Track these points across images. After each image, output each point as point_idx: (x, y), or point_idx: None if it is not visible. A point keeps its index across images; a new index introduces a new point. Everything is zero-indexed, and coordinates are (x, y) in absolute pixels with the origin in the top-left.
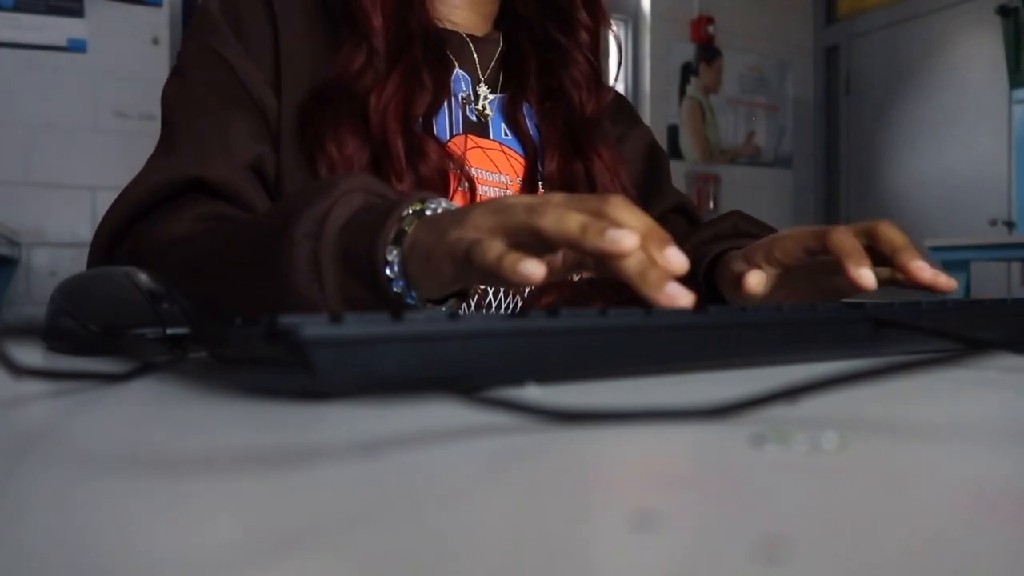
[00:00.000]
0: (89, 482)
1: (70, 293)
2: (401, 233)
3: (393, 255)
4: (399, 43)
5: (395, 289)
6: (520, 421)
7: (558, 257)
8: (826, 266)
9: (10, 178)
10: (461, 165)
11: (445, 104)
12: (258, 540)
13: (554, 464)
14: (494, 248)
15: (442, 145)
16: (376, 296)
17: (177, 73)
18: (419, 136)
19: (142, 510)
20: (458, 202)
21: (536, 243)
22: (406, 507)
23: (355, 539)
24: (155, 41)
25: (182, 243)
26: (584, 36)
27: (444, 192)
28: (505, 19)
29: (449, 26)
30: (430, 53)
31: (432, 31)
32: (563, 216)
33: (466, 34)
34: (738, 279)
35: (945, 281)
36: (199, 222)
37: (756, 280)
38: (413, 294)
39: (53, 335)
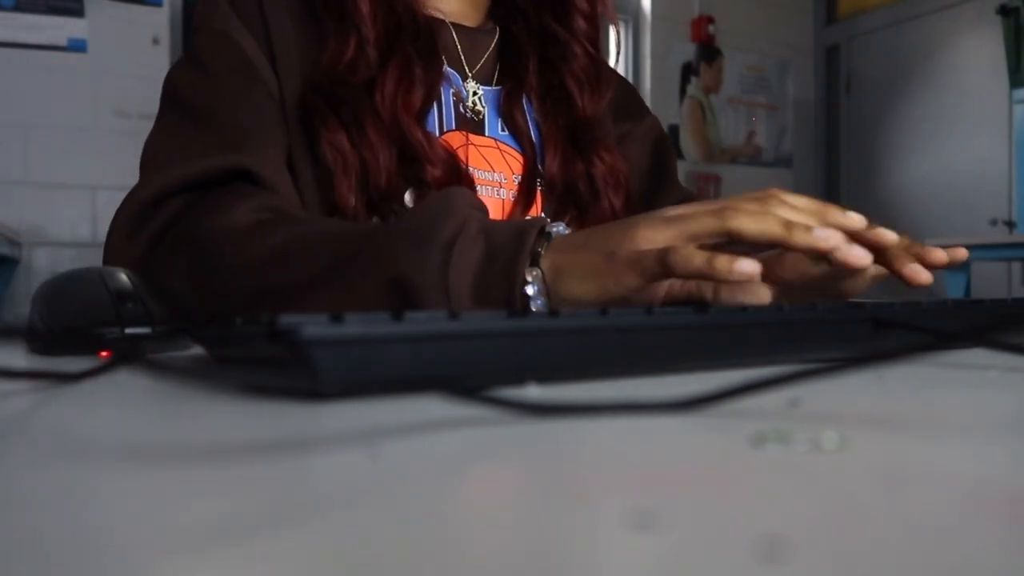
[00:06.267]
0: (39, 474)
1: (44, 294)
2: (536, 255)
3: (534, 275)
4: (388, 32)
5: (532, 309)
6: (518, 416)
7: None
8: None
9: (10, 178)
10: (464, 163)
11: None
12: (253, 527)
13: (549, 456)
14: (696, 253)
15: (447, 143)
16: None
17: (192, 60)
18: (428, 133)
19: (126, 503)
20: None
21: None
22: (398, 499)
23: (346, 528)
24: (155, 41)
25: (248, 237)
26: (581, 23)
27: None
28: (500, 8)
29: (436, 15)
30: (421, 45)
31: (421, 20)
32: (759, 217)
33: (454, 24)
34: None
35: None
36: (255, 213)
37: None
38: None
39: (27, 335)
